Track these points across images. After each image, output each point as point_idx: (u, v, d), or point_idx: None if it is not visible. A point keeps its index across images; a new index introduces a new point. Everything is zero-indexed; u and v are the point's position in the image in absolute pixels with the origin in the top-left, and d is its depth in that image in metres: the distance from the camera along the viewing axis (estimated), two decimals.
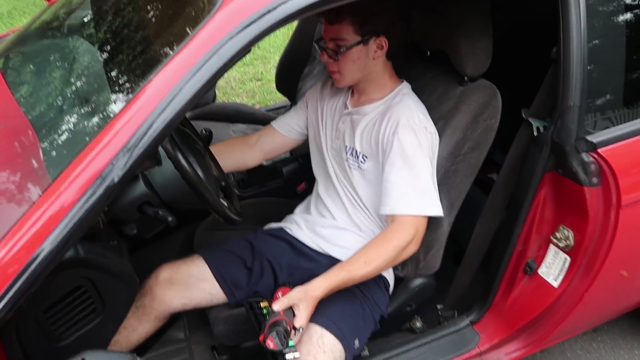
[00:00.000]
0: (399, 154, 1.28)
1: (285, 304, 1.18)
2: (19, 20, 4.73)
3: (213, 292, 1.41)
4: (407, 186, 1.27)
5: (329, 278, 1.23)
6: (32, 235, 0.87)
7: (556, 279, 1.35)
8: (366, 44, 1.30)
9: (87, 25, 1.44)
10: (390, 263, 1.28)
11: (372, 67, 1.35)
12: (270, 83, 3.73)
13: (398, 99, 1.36)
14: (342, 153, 1.42)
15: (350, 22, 1.26)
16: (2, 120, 1.34)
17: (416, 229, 1.27)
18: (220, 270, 1.41)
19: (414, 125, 1.28)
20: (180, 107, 0.88)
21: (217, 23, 0.91)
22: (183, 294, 1.39)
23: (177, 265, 1.43)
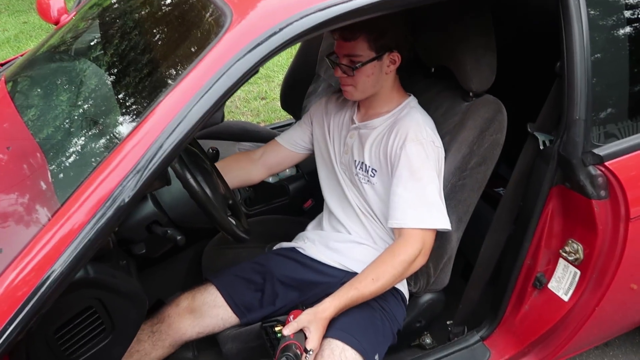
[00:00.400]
0: (406, 167, 1.29)
1: (295, 327, 1.19)
2: (26, 44, 4.81)
3: (225, 317, 1.41)
4: (414, 199, 1.27)
5: (338, 298, 1.24)
6: (43, 257, 0.87)
7: (566, 293, 1.34)
8: (380, 60, 1.32)
9: (96, 48, 1.47)
10: (398, 278, 1.28)
11: (384, 81, 1.37)
12: (274, 101, 3.76)
13: (405, 112, 1.37)
14: (352, 167, 1.43)
15: (365, 39, 1.28)
16: (12, 142, 1.36)
17: (423, 242, 1.27)
18: (232, 295, 1.42)
19: (421, 139, 1.29)
20: (189, 128, 0.89)
21: (226, 44, 0.93)
22: (197, 322, 1.40)
23: (194, 293, 1.44)
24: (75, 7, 1.88)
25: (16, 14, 5.64)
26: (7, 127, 1.42)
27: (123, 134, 0.96)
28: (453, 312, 1.56)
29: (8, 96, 1.48)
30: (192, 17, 1.15)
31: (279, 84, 3.91)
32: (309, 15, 0.96)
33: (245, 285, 1.44)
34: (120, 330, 1.13)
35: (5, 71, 1.72)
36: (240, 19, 0.97)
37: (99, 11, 1.60)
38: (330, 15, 0.98)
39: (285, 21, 0.95)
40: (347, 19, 1.01)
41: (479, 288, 1.51)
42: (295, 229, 1.67)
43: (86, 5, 1.72)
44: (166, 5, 1.32)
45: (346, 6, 0.99)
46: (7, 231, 1.07)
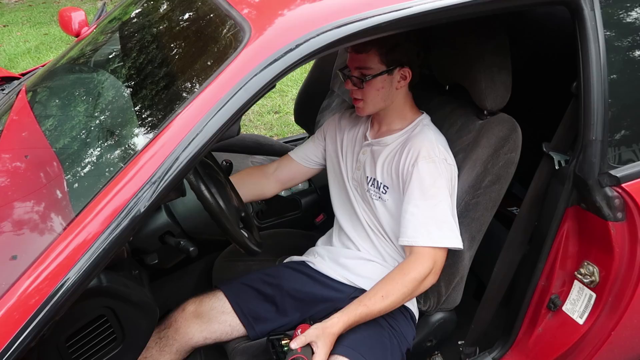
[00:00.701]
0: (418, 185, 1.28)
1: (302, 341, 1.19)
2: (46, 55, 4.92)
3: (233, 324, 1.41)
4: (426, 217, 1.27)
5: (346, 314, 1.23)
6: (58, 265, 0.88)
7: (581, 316, 1.32)
8: (391, 74, 1.33)
9: (115, 61, 1.49)
10: (408, 296, 1.27)
11: (395, 97, 1.37)
12: (287, 116, 3.79)
13: (418, 130, 1.37)
14: (364, 184, 1.43)
15: (377, 52, 1.29)
16: (30, 151, 1.38)
17: (434, 261, 1.26)
18: (240, 304, 1.41)
19: (434, 157, 1.29)
20: (206, 141, 0.90)
21: (244, 59, 0.94)
22: (205, 327, 1.39)
23: (201, 299, 1.44)
24: (96, 20, 1.93)
25: (37, 26, 5.78)
26: (26, 135, 1.44)
27: (140, 145, 0.97)
28: (465, 332, 1.54)
29: (28, 105, 1.51)
30: (211, 31, 1.17)
31: (293, 98, 3.95)
32: (325, 33, 0.97)
33: (254, 294, 1.44)
34: (130, 340, 1.13)
35: (27, 81, 1.76)
36: (259, 34, 0.98)
37: (120, 24, 1.63)
38: (347, 32, 0.99)
39: (302, 37, 0.96)
40: (364, 36, 1.02)
41: (492, 308, 1.49)
42: (307, 243, 1.67)
43: (107, 19, 1.76)
44: (185, 19, 1.35)
45: (363, 24, 1.00)
46: (23, 238, 1.09)
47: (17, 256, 1.03)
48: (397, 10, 1.02)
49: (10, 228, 1.14)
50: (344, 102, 2.10)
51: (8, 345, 0.84)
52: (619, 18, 1.24)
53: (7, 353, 0.84)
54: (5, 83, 1.87)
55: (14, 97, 1.64)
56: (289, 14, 1.05)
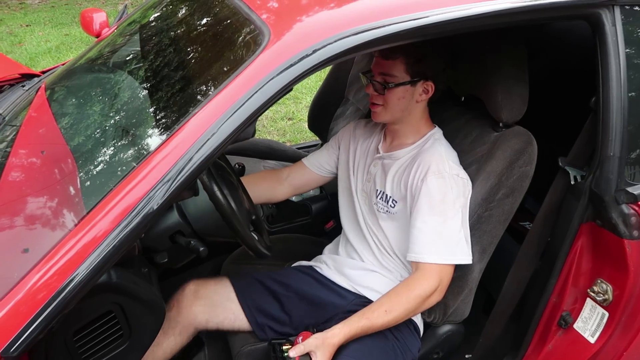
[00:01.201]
0: (426, 200, 1.28)
1: (301, 350, 1.19)
2: (66, 55, 5.00)
3: (237, 312, 1.42)
4: (433, 234, 1.26)
5: (348, 325, 1.23)
6: (69, 259, 0.89)
7: (593, 335, 1.30)
8: (414, 85, 1.32)
9: (134, 61, 1.51)
10: (412, 312, 1.27)
11: (413, 109, 1.36)
12: (301, 122, 3.81)
13: (429, 145, 1.37)
14: (372, 197, 1.43)
15: (403, 61, 1.29)
16: (46, 147, 1.40)
17: (440, 279, 1.26)
18: (245, 295, 1.43)
19: (443, 172, 1.28)
20: (221, 141, 0.91)
21: (262, 62, 0.95)
22: (208, 309, 1.41)
23: (204, 281, 1.46)
24: (117, 21, 1.96)
25: (59, 26, 5.89)
26: (43, 132, 1.46)
27: (156, 144, 0.98)
28: (472, 346, 1.52)
29: (47, 103, 1.53)
30: (230, 34, 1.18)
31: (307, 105, 3.97)
32: (343, 39, 0.98)
33: (260, 289, 1.46)
34: (137, 338, 1.13)
35: (46, 79, 1.79)
36: (278, 38, 0.99)
37: (140, 26, 1.66)
38: (364, 39, 0.99)
39: (320, 43, 0.97)
40: (381, 44, 1.03)
41: (501, 323, 1.47)
42: (315, 249, 1.67)
43: (127, 20, 1.78)
44: (206, 22, 1.36)
45: (381, 31, 1.00)
46: (35, 232, 1.10)
47: (29, 249, 1.04)
48: (415, 19, 1.03)
49: (24, 221, 1.15)
50: (358, 111, 2.10)
51: (17, 335, 0.84)
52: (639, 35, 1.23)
53: (16, 343, 0.84)
54: (25, 80, 1.90)
55: (34, 93, 1.66)
56: (307, 19, 1.06)
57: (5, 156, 1.36)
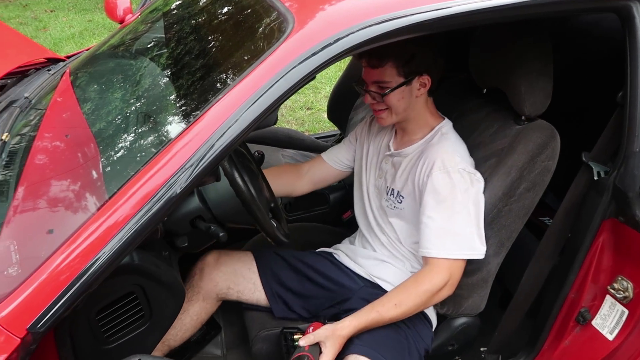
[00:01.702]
0: (432, 196, 1.28)
1: (311, 340, 1.21)
2: (89, 41, 5.06)
3: (257, 283, 1.47)
4: (439, 229, 1.26)
5: (358, 318, 1.25)
6: (96, 239, 0.91)
7: (611, 332, 1.28)
8: (409, 84, 1.31)
9: (158, 48, 1.53)
10: (421, 306, 1.28)
11: (415, 104, 1.36)
12: (319, 112, 3.80)
13: (436, 139, 1.36)
14: (383, 193, 1.44)
15: (393, 65, 1.27)
16: (70, 131, 1.43)
17: (450, 273, 1.26)
18: (265, 266, 1.48)
19: (449, 168, 1.27)
20: (245, 126, 0.92)
21: (286, 49, 0.95)
22: (229, 277, 1.47)
23: (225, 251, 1.52)
24: (141, 7, 1.97)
25: (82, 12, 5.95)
26: (68, 116, 1.49)
27: (180, 130, 1.00)
28: (487, 339, 1.52)
29: (71, 87, 1.56)
30: (254, 21, 1.18)
31: (326, 95, 3.96)
32: (366, 28, 0.97)
33: (279, 261, 1.51)
34: (157, 319, 1.16)
35: (71, 63, 1.82)
36: (301, 26, 0.99)
37: (164, 13, 1.67)
38: (388, 29, 0.99)
39: (344, 32, 0.97)
40: (405, 34, 1.02)
41: (517, 317, 1.46)
42: (332, 238, 1.68)
43: (151, 6, 1.80)
44: (229, 9, 1.37)
45: (404, 21, 1.00)
46: (60, 214, 1.13)
47: (53, 230, 1.07)
48: (440, 9, 1.02)
49: (49, 203, 1.18)
50: None
51: (44, 312, 0.87)
52: None
53: (42, 319, 0.87)
54: (51, 64, 1.93)
55: (59, 78, 1.69)
56: (331, 8, 1.06)
57: (31, 139, 1.39)
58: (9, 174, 1.26)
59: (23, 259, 1.00)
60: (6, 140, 1.38)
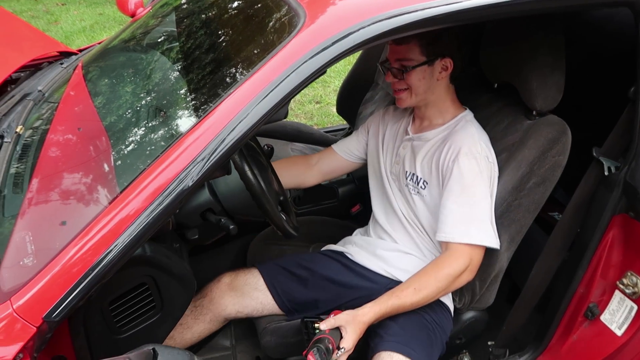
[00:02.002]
0: (458, 181, 1.27)
1: (331, 324, 1.21)
2: (100, 35, 5.08)
3: (264, 302, 1.45)
4: (464, 214, 1.26)
5: (379, 304, 1.25)
6: (108, 231, 0.93)
7: (620, 328, 1.28)
8: (431, 65, 1.32)
9: (169, 42, 1.54)
10: (442, 291, 1.27)
11: (436, 88, 1.36)
12: (328, 106, 3.80)
13: (461, 126, 1.36)
14: (402, 178, 1.43)
15: (417, 44, 1.29)
16: (83, 124, 1.44)
17: (470, 258, 1.26)
18: (274, 282, 1.45)
19: (475, 154, 1.28)
20: (256, 120, 0.93)
21: (298, 44, 0.95)
22: (238, 300, 1.45)
23: (237, 273, 1.49)
24: (152, 1, 1.98)
25: (93, 6, 5.98)
26: (81, 110, 1.51)
27: (192, 123, 1.01)
28: (495, 334, 1.53)
29: (83, 81, 1.57)
30: (265, 16, 1.19)
31: (334, 89, 3.96)
32: (377, 22, 0.98)
33: (288, 276, 1.48)
34: (168, 310, 1.18)
35: (83, 57, 1.83)
36: (313, 21, 1.00)
37: (175, 6, 1.68)
38: (400, 23, 0.99)
39: (355, 26, 0.97)
40: (416, 28, 1.02)
41: (526, 312, 1.46)
42: (341, 232, 1.69)
43: (162, 0, 1.81)
44: (240, 4, 1.37)
45: (416, 15, 1.00)
46: (72, 206, 1.14)
47: (66, 222, 1.09)
48: (452, 3, 1.01)
49: (62, 195, 1.20)
50: (388, 96, 2.09)
51: (60, 301, 0.89)
52: None
53: (58, 309, 0.89)
54: (63, 58, 1.95)
55: (71, 71, 1.71)
56: (342, 2, 1.06)
57: (45, 132, 1.41)
58: (23, 167, 1.28)
59: (38, 250, 1.02)
60: (20, 133, 1.40)
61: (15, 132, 1.39)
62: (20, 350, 0.88)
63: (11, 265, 1.00)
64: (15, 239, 1.06)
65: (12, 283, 0.94)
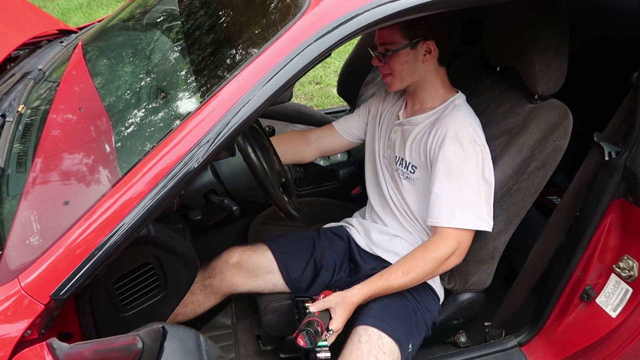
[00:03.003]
0: (443, 166, 1.29)
1: (321, 306, 1.24)
2: (97, 12, 5.01)
3: (277, 283, 1.49)
4: (450, 199, 1.27)
5: (367, 286, 1.28)
6: (115, 211, 0.94)
7: (615, 310, 1.31)
8: (414, 48, 1.31)
9: (172, 23, 1.52)
10: (429, 274, 1.30)
11: (422, 71, 1.36)
12: (328, 87, 3.78)
13: (449, 111, 1.36)
14: (392, 163, 1.45)
15: (399, 27, 1.29)
16: (84, 104, 1.44)
17: (458, 242, 1.28)
18: (287, 266, 1.49)
19: (461, 138, 1.28)
20: (261, 102, 0.93)
21: (303, 25, 0.95)
22: (250, 281, 1.48)
23: (246, 252, 1.51)
24: None
25: None
26: (81, 90, 1.50)
27: (196, 106, 1.01)
28: (491, 315, 1.56)
29: (84, 60, 1.56)
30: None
31: (335, 70, 3.93)
32: (383, 5, 0.97)
33: (299, 257, 1.51)
34: (171, 289, 1.20)
35: (83, 36, 1.81)
36: (317, 2, 0.99)
37: None
38: (405, 6, 0.98)
39: (361, 8, 0.96)
40: (422, 11, 1.01)
41: (522, 294, 1.49)
42: (341, 214, 1.71)
43: None
44: None
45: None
46: (75, 186, 1.15)
47: (69, 202, 1.10)
48: None
49: (65, 175, 1.20)
50: None
51: (67, 279, 0.91)
52: None
53: (65, 287, 0.91)
54: (63, 36, 1.93)
55: (71, 50, 1.69)
56: None
57: (46, 112, 1.40)
58: (26, 146, 1.28)
59: (43, 229, 1.03)
60: (22, 112, 1.40)
61: (17, 111, 1.39)
62: (29, 327, 0.89)
63: (18, 244, 1.01)
64: (21, 217, 1.07)
65: (20, 261, 0.95)
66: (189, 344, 0.91)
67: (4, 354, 0.88)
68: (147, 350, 0.87)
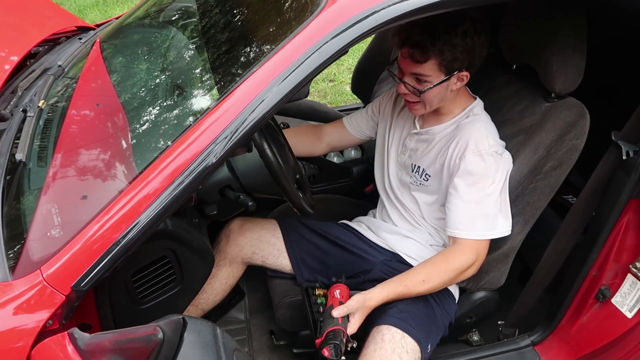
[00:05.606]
0: (464, 178, 1.28)
1: (344, 312, 1.23)
2: (113, 9, 5.05)
3: (281, 249, 1.52)
4: (470, 210, 1.27)
5: (387, 290, 1.28)
6: (135, 204, 0.95)
7: (631, 310, 1.30)
8: (448, 80, 1.27)
9: (192, 20, 1.53)
10: (447, 283, 1.31)
11: (448, 95, 1.32)
12: (342, 85, 3.78)
13: (468, 120, 1.34)
14: (408, 169, 1.45)
15: (437, 62, 1.22)
16: (102, 100, 1.46)
17: (477, 253, 1.29)
18: (290, 233, 1.52)
19: (482, 150, 1.27)
20: (278, 99, 0.94)
21: (321, 22, 0.95)
22: (254, 242, 1.53)
23: (250, 218, 1.57)
24: None
25: None
26: (98, 85, 1.52)
27: (214, 102, 1.02)
28: (505, 314, 1.55)
29: (102, 57, 1.58)
30: None
31: (348, 67, 3.93)
32: (401, 2, 0.97)
33: (305, 231, 1.54)
34: (188, 282, 1.21)
35: (101, 32, 1.84)
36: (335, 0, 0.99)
37: None
38: (423, 3, 0.98)
39: (379, 5, 0.96)
40: (440, 9, 1.01)
41: (537, 293, 1.48)
42: (354, 211, 1.71)
43: None
44: None
45: None
46: (92, 181, 1.17)
47: (87, 196, 1.12)
48: None
49: (84, 170, 1.23)
50: None
51: (88, 271, 0.93)
52: None
53: (86, 279, 0.93)
54: (82, 33, 1.96)
55: (90, 47, 1.72)
56: None
57: (66, 107, 1.43)
58: (47, 141, 1.31)
59: (64, 222, 1.05)
60: (43, 108, 1.43)
61: (37, 107, 1.41)
62: (50, 317, 0.91)
63: (40, 236, 1.03)
64: (42, 210, 1.09)
65: (42, 253, 0.98)
66: (207, 336, 0.93)
67: (27, 343, 0.90)
68: (167, 341, 0.88)
